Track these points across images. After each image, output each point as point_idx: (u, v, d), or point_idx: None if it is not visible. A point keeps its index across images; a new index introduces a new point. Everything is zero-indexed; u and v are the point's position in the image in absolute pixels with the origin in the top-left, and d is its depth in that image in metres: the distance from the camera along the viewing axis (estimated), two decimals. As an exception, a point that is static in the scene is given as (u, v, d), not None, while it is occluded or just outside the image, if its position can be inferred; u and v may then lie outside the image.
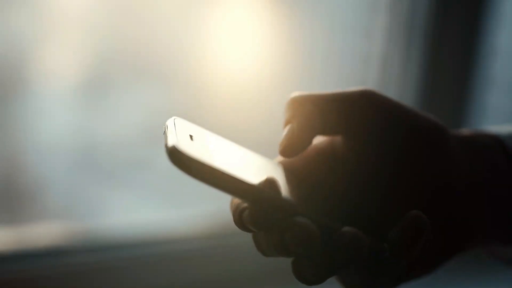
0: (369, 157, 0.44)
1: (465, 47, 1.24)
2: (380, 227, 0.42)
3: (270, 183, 0.38)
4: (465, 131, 0.48)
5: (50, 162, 1.12)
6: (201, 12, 1.16)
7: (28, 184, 1.12)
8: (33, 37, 1.06)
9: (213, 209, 1.11)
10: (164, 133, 0.40)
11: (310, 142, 0.44)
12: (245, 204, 0.40)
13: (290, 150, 0.43)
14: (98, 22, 1.11)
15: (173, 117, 0.41)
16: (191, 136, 0.40)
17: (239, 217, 0.40)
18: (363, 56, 1.26)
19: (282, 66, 1.24)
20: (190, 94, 1.20)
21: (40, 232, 1.03)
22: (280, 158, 0.46)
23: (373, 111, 0.43)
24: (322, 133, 0.45)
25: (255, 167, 0.42)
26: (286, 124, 0.44)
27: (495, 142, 0.47)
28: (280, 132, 0.48)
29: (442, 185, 0.44)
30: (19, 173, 1.10)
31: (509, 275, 1.21)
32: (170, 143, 0.38)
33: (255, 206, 0.39)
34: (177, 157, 0.37)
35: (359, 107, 0.44)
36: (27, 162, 1.10)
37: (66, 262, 1.02)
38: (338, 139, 0.45)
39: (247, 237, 1.06)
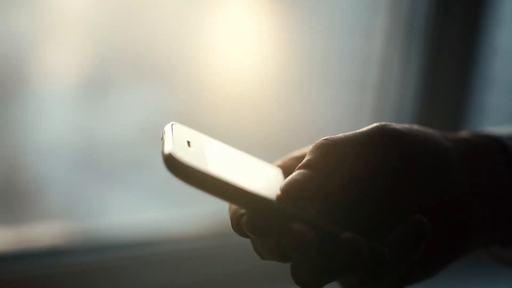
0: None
1: (465, 47, 1.24)
2: (380, 229, 0.42)
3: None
4: (465, 133, 0.48)
5: (50, 162, 1.12)
6: (201, 12, 1.16)
7: (28, 184, 1.12)
8: (33, 37, 1.06)
9: (213, 209, 1.11)
10: (162, 139, 0.39)
11: (315, 193, 0.43)
12: (243, 210, 0.40)
13: (294, 197, 0.41)
14: (98, 22, 1.11)
15: (171, 123, 0.41)
16: (188, 143, 0.40)
17: (237, 223, 0.40)
18: (363, 56, 1.26)
19: (282, 66, 1.24)
20: (190, 94, 1.20)
21: (40, 232, 1.03)
22: (280, 161, 0.46)
23: (387, 149, 0.43)
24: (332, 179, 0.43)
25: (254, 173, 0.42)
26: (304, 166, 0.42)
27: (495, 143, 0.47)
28: (280, 132, 0.47)
29: (442, 188, 0.44)
30: (19, 173, 1.10)
31: (509, 276, 1.21)
32: (167, 150, 0.38)
33: (253, 212, 0.39)
34: (173, 164, 0.37)
35: (375, 148, 0.43)
36: (27, 162, 1.10)
37: (66, 262, 1.02)
38: None
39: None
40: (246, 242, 0.45)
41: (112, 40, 1.13)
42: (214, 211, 1.11)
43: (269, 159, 0.47)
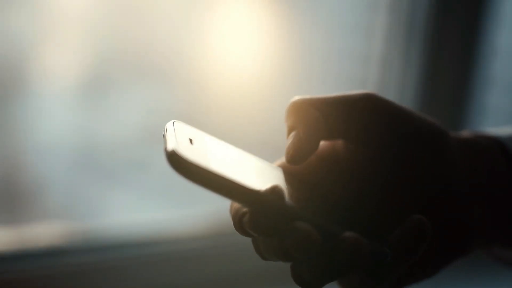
0: (370, 160, 0.44)
1: (465, 47, 1.24)
2: (380, 229, 0.42)
3: (273, 190, 0.38)
4: (465, 133, 0.48)
5: (50, 162, 1.12)
6: (201, 12, 1.16)
7: (28, 184, 1.12)
8: (33, 37, 1.06)
9: (213, 209, 1.11)
10: (164, 136, 0.39)
11: (317, 148, 0.44)
12: (245, 209, 0.40)
13: (298, 157, 0.43)
14: (98, 22, 1.11)
15: (173, 121, 0.41)
16: (190, 140, 0.40)
17: (239, 221, 0.40)
18: (363, 56, 1.26)
19: (282, 66, 1.24)
20: (191, 94, 1.20)
21: (40, 232, 1.03)
22: (280, 161, 0.46)
23: (374, 115, 0.43)
24: (327, 138, 0.44)
25: (255, 171, 0.42)
26: (290, 131, 0.44)
27: (495, 144, 0.47)
28: (280, 131, 0.47)
29: (442, 187, 0.43)
30: (19, 173, 1.10)
31: (509, 276, 1.21)
32: (170, 147, 0.37)
33: (256, 211, 0.39)
34: (176, 161, 0.37)
35: (360, 111, 0.43)
36: (27, 162, 1.10)
37: (66, 262, 1.02)
38: (339, 143, 0.45)
39: (247, 237, 1.06)
40: (246, 242, 0.45)
41: (112, 40, 1.13)
42: (214, 211, 1.11)
43: (269, 159, 0.47)
